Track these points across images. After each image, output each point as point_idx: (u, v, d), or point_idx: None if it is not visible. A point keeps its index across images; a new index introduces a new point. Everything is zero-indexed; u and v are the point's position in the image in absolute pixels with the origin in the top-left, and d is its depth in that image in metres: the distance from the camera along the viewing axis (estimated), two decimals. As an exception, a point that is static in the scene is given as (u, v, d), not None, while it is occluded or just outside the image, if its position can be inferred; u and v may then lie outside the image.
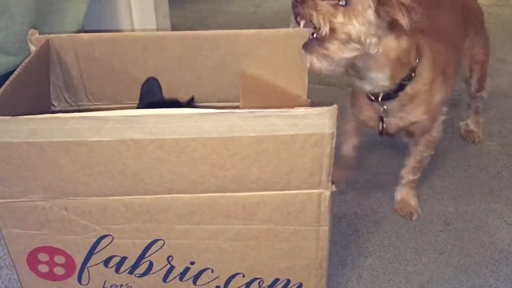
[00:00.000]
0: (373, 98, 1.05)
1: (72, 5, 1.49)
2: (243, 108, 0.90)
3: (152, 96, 0.98)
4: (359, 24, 0.91)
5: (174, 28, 2.12)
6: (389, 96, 1.04)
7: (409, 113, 1.08)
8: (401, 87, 1.03)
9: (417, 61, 1.03)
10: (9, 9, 1.28)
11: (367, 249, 1.12)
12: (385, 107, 1.06)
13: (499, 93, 1.76)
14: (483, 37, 1.36)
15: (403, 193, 1.24)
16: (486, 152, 1.45)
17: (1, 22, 1.27)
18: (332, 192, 0.81)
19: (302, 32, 0.99)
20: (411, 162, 1.21)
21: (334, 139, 0.75)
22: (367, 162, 1.42)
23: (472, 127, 1.49)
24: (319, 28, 0.90)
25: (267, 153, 0.75)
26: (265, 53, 1.02)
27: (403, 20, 0.90)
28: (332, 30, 0.89)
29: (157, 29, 1.87)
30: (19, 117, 0.70)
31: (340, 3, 0.90)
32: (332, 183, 0.80)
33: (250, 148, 0.74)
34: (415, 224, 1.19)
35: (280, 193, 0.80)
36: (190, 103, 0.99)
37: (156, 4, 1.83)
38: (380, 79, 1.01)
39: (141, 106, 0.99)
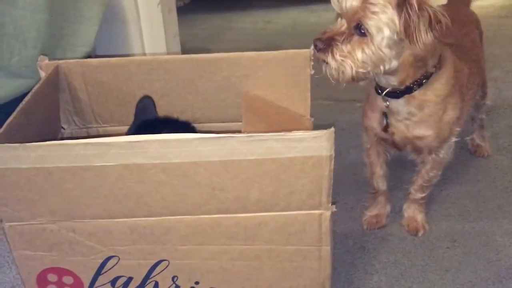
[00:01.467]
0: (380, 91, 1.05)
1: (83, 28, 1.53)
2: (245, 130, 0.92)
3: (146, 114, 1.00)
4: (377, 54, 0.93)
5: (184, 46, 2.16)
6: (395, 94, 1.03)
7: (417, 123, 1.06)
8: (408, 89, 1.02)
9: (434, 69, 1.01)
10: (22, 34, 1.33)
11: (373, 266, 1.13)
12: (388, 103, 1.05)
13: (507, 106, 1.75)
14: (482, 46, 1.36)
15: (411, 210, 1.24)
16: (495, 167, 1.44)
17: (15, 46, 1.31)
18: (332, 213, 0.82)
19: (303, 53, 1.01)
20: (418, 180, 1.19)
21: (332, 161, 0.76)
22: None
23: (478, 141, 1.49)
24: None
25: (267, 175, 0.77)
26: (267, 74, 1.04)
27: (423, 41, 0.90)
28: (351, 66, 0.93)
29: (167, 48, 1.91)
30: (28, 144, 0.73)
31: (361, 30, 0.92)
32: (333, 203, 0.82)
33: (250, 170, 0.76)
34: (421, 241, 1.19)
35: (281, 214, 0.81)
36: (176, 122, 1.00)
37: (165, 24, 1.87)
38: (390, 79, 1.01)
39: (135, 124, 1.01)
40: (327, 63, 0.95)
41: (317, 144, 0.74)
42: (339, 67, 0.93)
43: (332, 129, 0.73)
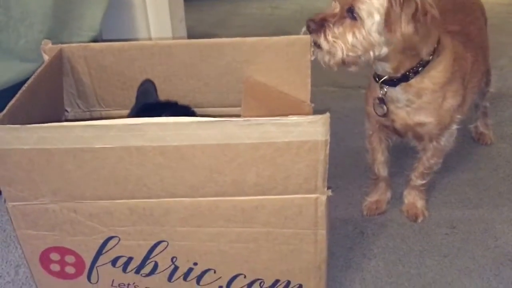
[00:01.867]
0: (377, 79, 1.05)
1: (89, 12, 1.54)
2: (244, 114, 0.94)
3: (147, 98, 1.02)
4: (367, 39, 0.94)
5: (190, 31, 2.17)
6: (392, 82, 1.03)
7: (417, 110, 1.06)
8: (405, 77, 1.02)
9: (431, 57, 1.01)
10: (28, 17, 1.34)
11: (371, 251, 1.14)
12: (385, 89, 1.05)
13: (511, 95, 1.74)
14: (486, 33, 1.35)
15: (411, 196, 1.25)
16: (497, 155, 1.44)
17: (21, 29, 1.33)
18: (328, 197, 0.83)
19: (304, 38, 1.01)
20: (419, 167, 1.20)
21: (328, 146, 0.77)
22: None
23: (482, 129, 1.48)
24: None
25: (263, 159, 0.78)
26: (269, 60, 1.04)
27: (400, 30, 0.91)
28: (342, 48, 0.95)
29: (173, 33, 1.91)
30: (29, 125, 0.75)
31: (351, 15, 0.93)
32: (329, 188, 0.83)
33: (247, 154, 0.77)
34: (420, 227, 1.20)
35: (277, 197, 0.82)
36: (176, 105, 1.01)
37: (171, 8, 1.87)
38: (385, 66, 1.01)
39: (136, 107, 1.02)
40: (318, 46, 0.96)
41: (313, 129, 0.75)
42: (330, 49, 0.95)
43: (328, 114, 0.74)
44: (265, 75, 1.06)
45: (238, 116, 0.98)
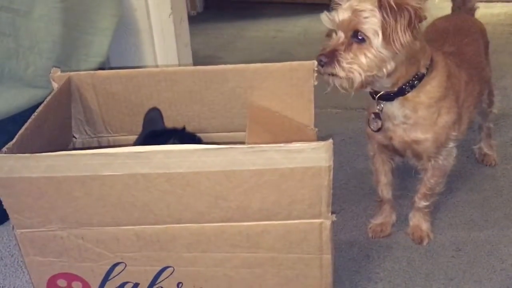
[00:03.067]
0: (374, 95, 1.07)
1: (96, 39, 1.58)
2: (248, 140, 0.95)
3: (154, 125, 1.03)
4: (378, 56, 0.97)
5: (196, 54, 2.20)
6: (388, 96, 1.06)
7: (413, 126, 1.08)
8: (401, 91, 1.05)
9: (426, 71, 1.04)
10: (37, 45, 1.37)
11: (377, 274, 1.14)
12: (382, 105, 1.08)
13: (516, 115, 1.75)
14: (488, 56, 1.38)
15: (416, 218, 1.25)
16: (502, 176, 1.45)
17: (30, 58, 1.36)
18: (332, 222, 0.83)
19: (307, 64, 1.03)
20: (422, 188, 1.21)
21: (331, 172, 0.78)
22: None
23: (486, 150, 1.49)
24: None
25: (268, 185, 0.79)
26: (272, 86, 1.06)
27: (404, 38, 0.94)
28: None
29: (179, 57, 1.94)
30: (38, 154, 0.76)
31: (358, 37, 0.96)
32: (333, 213, 0.83)
33: (252, 180, 0.78)
34: (426, 249, 1.20)
35: (282, 222, 0.83)
36: (182, 132, 1.02)
37: (177, 33, 1.91)
38: (384, 82, 1.03)
39: (143, 134, 1.04)
40: (334, 75, 0.98)
41: (316, 155, 0.76)
42: (347, 75, 0.97)
43: (331, 140, 0.75)
44: (269, 100, 1.07)
45: (243, 141, 1.00)
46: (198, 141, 1.01)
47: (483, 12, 1.41)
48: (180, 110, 1.10)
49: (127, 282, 0.90)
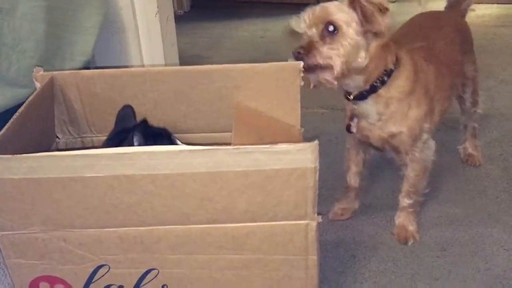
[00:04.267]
0: (348, 96, 1.12)
1: (81, 38, 1.55)
2: (234, 140, 0.94)
3: (126, 122, 1.01)
4: (353, 43, 1.01)
5: (183, 54, 2.19)
6: (362, 96, 1.09)
7: (387, 121, 1.12)
8: (373, 88, 1.08)
9: (394, 66, 1.08)
10: (20, 44, 1.34)
11: (362, 275, 1.14)
12: (356, 106, 1.12)
13: (500, 115, 1.77)
14: (472, 55, 1.41)
15: (401, 218, 1.26)
16: (486, 176, 1.46)
17: (13, 56, 1.33)
18: (318, 223, 0.83)
19: (293, 65, 1.03)
20: (404, 186, 1.23)
21: (317, 173, 0.78)
22: (366, 186, 1.43)
23: (470, 150, 1.50)
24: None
25: (254, 186, 0.78)
26: (258, 86, 1.05)
27: (382, 22, 0.98)
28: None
29: (165, 56, 1.93)
30: (19, 155, 0.75)
31: (330, 29, 1.00)
32: (319, 214, 0.83)
33: (237, 182, 0.78)
34: (411, 250, 1.21)
35: (268, 224, 0.83)
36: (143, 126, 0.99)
37: (163, 33, 1.89)
38: (356, 80, 1.07)
39: (113, 132, 1.02)
40: (315, 67, 1.01)
41: (302, 156, 0.76)
42: (327, 62, 1.00)
43: (316, 142, 0.75)
44: (255, 101, 1.07)
45: (229, 142, 0.99)
46: (164, 134, 0.98)
47: (469, 14, 1.42)
48: (166, 110, 1.08)
49: (111, 285, 0.89)
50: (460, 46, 1.31)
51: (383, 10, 0.98)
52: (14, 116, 0.88)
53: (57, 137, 1.12)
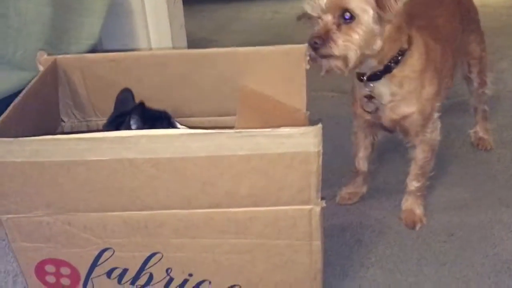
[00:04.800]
0: (362, 77, 1.10)
1: (88, 20, 1.54)
2: (238, 123, 0.94)
3: (125, 106, 1.01)
4: (368, 32, 0.98)
5: (191, 37, 2.17)
6: (376, 76, 1.08)
7: (401, 102, 1.11)
8: (388, 68, 1.07)
9: (407, 46, 1.07)
10: (26, 28, 1.34)
11: (369, 259, 1.13)
12: (371, 85, 1.10)
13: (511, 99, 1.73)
14: (479, 35, 1.38)
15: (408, 202, 1.25)
16: (497, 160, 1.43)
17: (19, 40, 1.33)
18: (322, 208, 0.82)
19: (299, 48, 1.01)
20: (413, 168, 1.22)
21: (321, 157, 0.77)
22: (373, 170, 1.42)
23: (481, 134, 1.48)
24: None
25: (256, 170, 0.78)
26: (264, 69, 1.04)
27: (395, 8, 0.96)
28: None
29: (173, 39, 1.92)
30: (21, 138, 0.75)
31: (346, 17, 0.98)
32: (323, 198, 0.82)
33: (239, 166, 0.77)
34: (418, 234, 1.19)
35: (271, 208, 0.82)
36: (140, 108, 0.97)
37: (171, 15, 1.88)
38: (371, 62, 1.05)
39: (113, 115, 1.02)
40: (329, 56, 0.98)
41: (305, 140, 0.75)
42: (343, 53, 0.98)
43: (320, 125, 0.74)
44: (260, 84, 1.06)
45: (233, 125, 0.98)
46: (164, 117, 0.97)
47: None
48: (170, 94, 1.08)
49: (115, 268, 0.90)
50: (462, 22, 1.29)
51: None
52: (16, 100, 0.89)
53: (62, 120, 1.12)
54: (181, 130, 0.75)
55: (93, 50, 1.57)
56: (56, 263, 0.89)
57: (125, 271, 0.90)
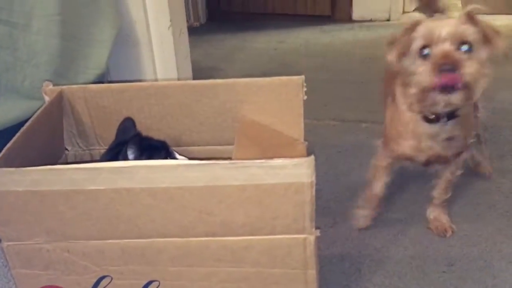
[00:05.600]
0: (434, 118, 1.06)
1: (95, 51, 1.59)
2: (236, 153, 0.95)
3: (126, 134, 1.03)
4: (484, 65, 0.97)
5: (197, 65, 2.22)
6: (452, 115, 1.05)
7: (453, 141, 1.10)
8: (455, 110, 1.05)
9: None
10: (35, 58, 1.39)
11: (367, 289, 1.13)
12: (447, 126, 1.06)
13: (512, 128, 1.74)
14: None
15: (436, 213, 1.29)
16: (497, 190, 1.44)
17: (27, 70, 1.37)
18: (316, 237, 0.84)
19: (296, 79, 1.04)
20: (442, 183, 1.25)
21: (314, 188, 0.78)
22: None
23: (478, 158, 1.47)
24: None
25: (251, 200, 0.79)
26: (262, 100, 1.07)
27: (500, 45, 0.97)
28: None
29: (178, 69, 1.96)
30: (22, 168, 0.78)
31: (464, 49, 0.96)
32: (317, 228, 0.84)
33: (235, 195, 0.79)
34: (418, 264, 1.19)
35: (266, 237, 0.83)
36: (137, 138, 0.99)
37: (176, 46, 1.92)
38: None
39: (114, 143, 1.04)
40: (451, 91, 0.95)
41: (298, 171, 0.76)
42: (476, 80, 0.95)
43: (312, 156, 0.76)
44: (259, 115, 1.08)
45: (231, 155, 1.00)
46: (162, 147, 0.99)
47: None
48: (171, 124, 1.10)
49: (113, 295, 0.91)
50: None
51: (498, 32, 0.97)
52: (22, 129, 0.91)
53: (66, 149, 1.14)
54: (178, 161, 0.77)
55: (99, 80, 1.61)
56: (55, 290, 0.91)
57: (122, 299, 0.91)
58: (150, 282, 0.89)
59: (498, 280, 1.13)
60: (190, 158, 0.98)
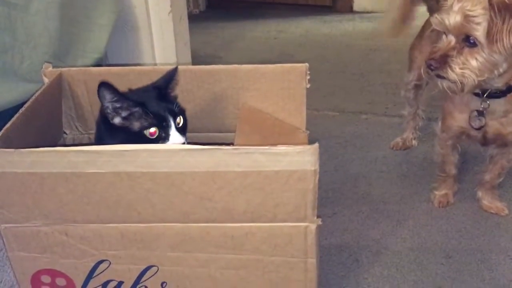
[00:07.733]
0: (480, 93, 1.09)
1: (94, 35, 1.57)
2: (237, 140, 0.94)
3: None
4: (489, 61, 0.99)
5: (196, 53, 2.20)
6: (495, 95, 1.09)
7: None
8: (509, 88, 1.08)
9: None
10: (33, 40, 1.37)
11: (365, 280, 1.13)
12: (488, 102, 1.10)
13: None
14: None
15: (489, 195, 1.33)
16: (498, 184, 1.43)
17: (25, 52, 1.35)
18: (318, 226, 0.83)
19: (299, 67, 1.03)
20: (496, 169, 1.28)
21: (317, 176, 0.77)
22: (372, 191, 1.43)
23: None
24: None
25: (253, 187, 0.78)
26: (264, 87, 1.05)
27: (508, 40, 0.95)
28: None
29: (177, 55, 1.94)
30: (22, 150, 0.76)
31: (470, 41, 0.99)
32: (318, 216, 0.83)
33: (236, 182, 0.78)
34: (416, 256, 1.19)
35: (267, 225, 0.83)
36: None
37: (176, 31, 1.90)
38: (494, 81, 1.06)
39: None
40: (443, 78, 1.02)
41: (302, 159, 0.75)
42: (460, 79, 1.00)
43: (316, 144, 0.75)
44: (261, 102, 1.07)
45: (233, 142, 0.99)
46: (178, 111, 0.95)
47: None
48: (172, 109, 1.09)
49: (111, 280, 0.90)
50: None
51: None
52: (20, 111, 0.90)
53: (64, 132, 1.13)
54: (181, 145, 0.76)
55: (98, 64, 1.59)
56: (52, 274, 0.90)
57: (120, 283, 0.90)
58: (148, 267, 0.88)
59: (496, 273, 1.13)
60: (191, 144, 0.97)
